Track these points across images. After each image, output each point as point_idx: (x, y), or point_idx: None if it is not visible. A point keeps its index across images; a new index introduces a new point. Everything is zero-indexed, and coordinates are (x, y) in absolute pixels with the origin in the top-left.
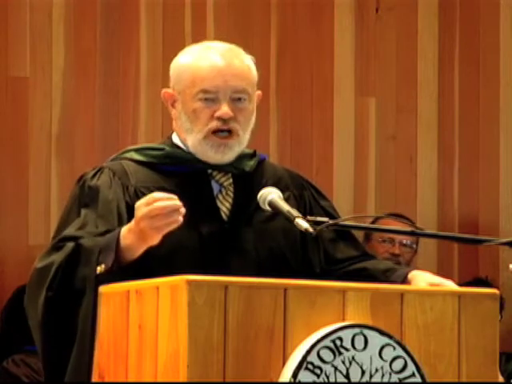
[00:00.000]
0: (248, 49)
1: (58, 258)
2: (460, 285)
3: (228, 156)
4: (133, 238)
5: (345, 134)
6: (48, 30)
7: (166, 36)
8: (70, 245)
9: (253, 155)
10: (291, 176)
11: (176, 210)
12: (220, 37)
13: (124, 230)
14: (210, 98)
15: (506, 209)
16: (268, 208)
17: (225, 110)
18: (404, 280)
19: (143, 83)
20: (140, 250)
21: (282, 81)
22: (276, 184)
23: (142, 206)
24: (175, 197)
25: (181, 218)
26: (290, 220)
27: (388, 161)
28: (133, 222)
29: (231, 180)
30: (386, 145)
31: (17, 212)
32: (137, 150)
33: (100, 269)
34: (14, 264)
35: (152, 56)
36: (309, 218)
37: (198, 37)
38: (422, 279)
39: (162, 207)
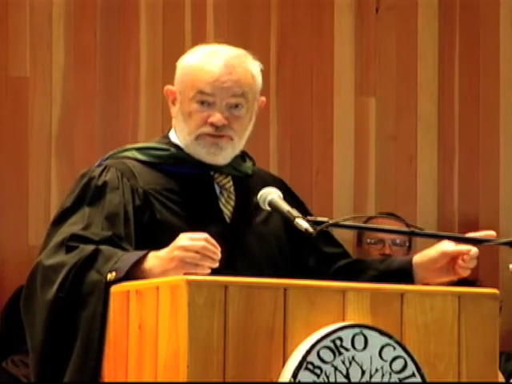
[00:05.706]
0: (248, 49)
1: (70, 259)
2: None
3: (219, 158)
4: (157, 263)
5: (345, 134)
6: (48, 30)
7: (166, 36)
8: (88, 248)
9: (247, 157)
10: (274, 179)
11: (212, 259)
12: (220, 37)
13: (152, 253)
14: (207, 101)
15: (506, 209)
16: (268, 208)
17: (218, 116)
18: (410, 263)
19: (143, 83)
20: (156, 277)
21: (282, 81)
22: (270, 185)
23: (185, 237)
24: (219, 248)
25: (209, 270)
26: (290, 220)
27: (388, 161)
28: (164, 249)
29: (231, 182)
30: (386, 145)
31: (17, 212)
32: (138, 149)
33: (110, 276)
34: (14, 264)
35: (152, 56)
36: (309, 218)
37: (198, 37)
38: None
39: (204, 247)
